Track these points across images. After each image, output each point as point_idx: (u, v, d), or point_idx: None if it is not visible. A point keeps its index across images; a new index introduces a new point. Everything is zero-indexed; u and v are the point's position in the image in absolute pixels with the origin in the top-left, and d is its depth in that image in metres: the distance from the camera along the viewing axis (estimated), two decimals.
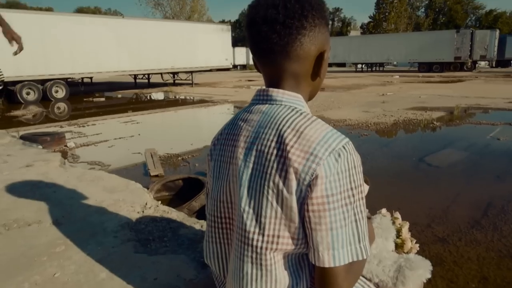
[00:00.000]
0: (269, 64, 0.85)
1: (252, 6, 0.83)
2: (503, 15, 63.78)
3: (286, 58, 0.82)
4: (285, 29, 0.79)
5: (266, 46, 0.82)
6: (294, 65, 0.83)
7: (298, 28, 0.79)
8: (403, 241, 1.11)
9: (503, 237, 2.44)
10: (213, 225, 0.94)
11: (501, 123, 6.42)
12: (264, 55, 0.84)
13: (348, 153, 0.76)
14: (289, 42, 0.80)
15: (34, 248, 1.70)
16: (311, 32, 0.81)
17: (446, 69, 27.43)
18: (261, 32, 0.80)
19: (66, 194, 2.40)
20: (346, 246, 0.76)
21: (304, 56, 0.83)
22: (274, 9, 0.79)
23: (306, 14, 0.79)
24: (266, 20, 0.79)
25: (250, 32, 0.84)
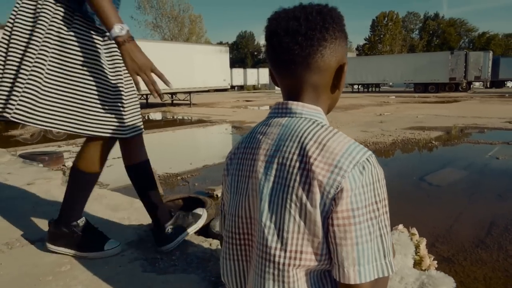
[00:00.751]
0: (290, 76, 0.85)
1: (272, 19, 0.84)
2: (496, 37, 65.09)
3: (307, 70, 0.82)
4: (307, 41, 0.79)
5: (288, 57, 0.82)
6: (315, 77, 0.83)
7: (319, 40, 0.80)
8: (422, 258, 1.10)
9: (509, 256, 2.43)
10: (231, 242, 0.91)
11: (499, 142, 6.46)
12: (285, 66, 0.84)
13: (372, 166, 0.76)
14: (311, 53, 0.80)
15: (38, 267, 1.67)
16: (332, 44, 0.82)
17: (441, 90, 27.75)
18: (283, 43, 0.81)
19: None
20: (372, 262, 0.74)
21: (324, 68, 0.83)
22: (296, 21, 0.80)
23: (327, 26, 0.80)
24: (288, 32, 0.80)
25: (271, 44, 0.84)
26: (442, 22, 67.04)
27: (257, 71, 48.46)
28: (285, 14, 0.82)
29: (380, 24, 59.91)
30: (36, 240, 1.96)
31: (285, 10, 0.84)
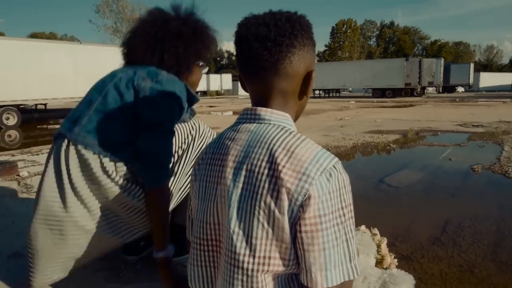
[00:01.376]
0: (258, 81, 0.86)
1: (242, 24, 0.85)
2: (446, 45, 68.78)
3: (275, 75, 0.83)
4: (275, 46, 0.81)
5: (257, 63, 0.83)
6: (283, 83, 0.85)
7: (288, 46, 0.81)
8: (383, 257, 1.14)
9: (462, 252, 2.56)
10: (199, 248, 0.91)
11: (452, 144, 6.82)
12: (254, 71, 0.85)
13: (339, 173, 0.78)
14: (279, 59, 0.82)
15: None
16: (300, 51, 0.83)
17: (398, 95, 28.93)
18: (252, 48, 0.82)
19: (26, 224, 2.26)
20: (338, 266, 0.76)
21: (293, 74, 0.84)
22: (266, 27, 0.81)
23: (296, 33, 0.82)
24: (257, 37, 0.81)
25: (240, 49, 0.85)
26: (397, 30, 70.05)
27: (220, 77, 48.38)
28: (255, 20, 0.83)
29: (339, 31, 61.67)
30: None
31: (255, 16, 0.85)
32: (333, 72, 31.95)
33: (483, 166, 4.95)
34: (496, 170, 4.78)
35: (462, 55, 68.43)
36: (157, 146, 1.39)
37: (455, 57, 64.97)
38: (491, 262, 2.41)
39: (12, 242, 1.99)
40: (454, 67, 38.39)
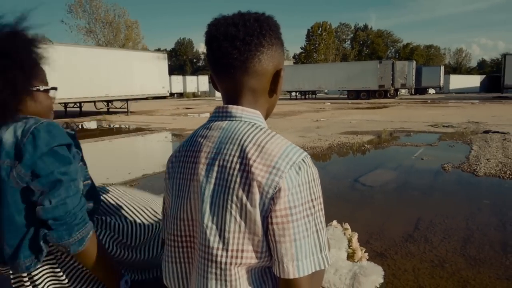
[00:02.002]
0: (229, 80, 0.88)
1: (212, 24, 0.87)
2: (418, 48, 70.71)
3: (245, 74, 0.86)
4: (244, 46, 0.83)
5: (227, 61, 0.85)
6: (252, 81, 0.87)
7: (256, 45, 0.84)
8: (354, 251, 1.17)
9: (433, 248, 2.64)
10: (173, 244, 0.92)
11: (423, 144, 7.01)
12: (224, 70, 0.87)
13: (308, 166, 0.80)
14: (249, 58, 0.84)
15: None
16: (268, 50, 0.86)
17: (372, 96, 29.49)
18: (222, 47, 0.84)
19: None
20: (309, 256, 0.78)
21: (262, 73, 0.87)
22: (234, 27, 0.83)
23: (264, 32, 0.85)
24: (226, 37, 0.83)
25: (210, 48, 0.87)
26: (371, 33, 71.51)
27: (197, 78, 48.12)
28: (224, 21, 0.85)
29: (315, 33, 62.42)
30: None
31: (225, 17, 0.87)
32: (309, 74, 32.29)
33: (453, 165, 5.12)
34: (465, 168, 4.95)
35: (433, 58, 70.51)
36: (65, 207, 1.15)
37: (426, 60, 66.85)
38: (461, 257, 2.49)
39: None
40: (426, 69, 39.51)
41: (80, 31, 43.14)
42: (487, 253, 2.53)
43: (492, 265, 2.37)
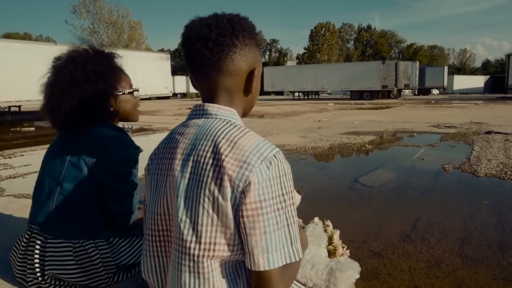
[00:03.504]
0: (204, 79, 0.91)
1: (187, 26, 0.90)
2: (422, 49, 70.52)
3: (219, 73, 0.88)
4: (217, 46, 0.86)
5: (200, 62, 0.88)
6: (227, 80, 0.90)
7: (229, 46, 0.86)
8: (335, 248, 1.19)
9: (430, 248, 2.63)
10: (151, 239, 0.94)
11: (425, 145, 7.00)
12: (199, 70, 0.90)
13: (279, 161, 0.82)
14: (221, 58, 0.87)
15: None
16: (241, 50, 0.88)
17: (375, 97, 29.46)
18: (195, 48, 0.87)
19: None
20: (279, 249, 0.80)
21: (235, 72, 0.89)
22: (207, 28, 0.86)
23: (236, 33, 0.87)
24: (199, 38, 0.86)
25: (185, 49, 0.90)
26: (375, 34, 71.41)
27: None
28: (199, 22, 0.88)
29: (318, 34, 62.41)
30: None
31: (200, 18, 0.90)
32: (312, 75, 32.32)
33: (454, 166, 5.11)
34: (466, 169, 4.94)
35: (437, 58, 70.33)
36: (126, 210, 1.57)
37: (430, 60, 66.69)
38: (458, 257, 2.49)
39: None
40: (429, 70, 39.44)
41: (84, 32, 43.37)
42: (484, 254, 2.52)
43: (489, 265, 2.36)
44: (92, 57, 1.60)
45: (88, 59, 1.58)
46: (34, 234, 1.48)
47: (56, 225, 1.46)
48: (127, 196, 1.55)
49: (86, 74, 1.53)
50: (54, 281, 1.45)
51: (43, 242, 1.44)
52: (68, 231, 1.45)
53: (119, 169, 1.53)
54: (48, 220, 1.47)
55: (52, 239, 1.44)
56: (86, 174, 1.48)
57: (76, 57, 1.58)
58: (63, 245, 1.43)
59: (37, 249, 1.44)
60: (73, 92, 1.50)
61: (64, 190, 1.48)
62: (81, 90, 1.50)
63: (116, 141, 1.55)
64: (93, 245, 1.45)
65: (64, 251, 1.43)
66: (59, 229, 1.45)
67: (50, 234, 1.45)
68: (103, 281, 1.49)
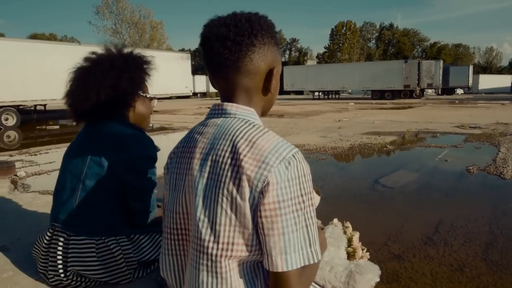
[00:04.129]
0: (222, 79, 0.91)
1: (206, 25, 0.90)
2: (446, 47, 68.92)
3: (238, 73, 0.88)
4: (235, 46, 0.85)
5: (219, 61, 0.87)
6: (245, 80, 0.89)
7: (247, 45, 0.86)
8: (354, 250, 1.16)
9: (453, 252, 2.57)
10: (169, 237, 0.95)
11: (448, 145, 6.83)
12: (217, 69, 0.90)
13: (298, 162, 0.81)
14: (240, 57, 0.86)
15: None
16: (260, 49, 0.87)
17: (397, 97, 28.96)
18: (214, 48, 0.86)
19: (15, 220, 2.30)
20: (298, 250, 0.79)
21: (254, 71, 0.88)
22: (226, 27, 0.85)
23: (255, 32, 0.86)
24: (218, 37, 0.86)
25: (203, 49, 0.90)
26: (397, 32, 70.17)
27: None
28: (218, 21, 0.88)
29: (338, 33, 61.80)
30: None
31: (219, 18, 0.89)
32: (332, 74, 32.00)
33: (479, 167, 4.96)
34: (491, 171, 4.79)
35: (462, 57, 68.56)
36: (146, 208, 1.60)
37: (454, 59, 65.09)
38: (482, 261, 2.41)
39: (0, 237, 2.01)
40: (453, 69, 38.49)
41: (107, 32, 44.22)
42: (511, 258, 2.44)
43: None
44: (129, 55, 1.69)
45: (125, 55, 1.68)
46: (56, 232, 1.51)
47: (79, 222, 1.48)
48: (146, 193, 1.57)
49: (124, 67, 1.62)
50: (76, 278, 1.48)
51: (66, 239, 1.47)
52: (90, 228, 1.47)
53: (138, 167, 1.55)
54: (70, 218, 1.50)
55: (74, 236, 1.47)
56: (107, 171, 1.51)
57: (113, 53, 1.68)
58: (86, 242, 1.46)
59: (60, 246, 1.47)
60: (108, 82, 1.57)
61: (86, 187, 1.51)
62: (116, 81, 1.58)
63: (136, 140, 1.58)
64: (115, 242, 1.47)
65: (87, 248, 1.45)
66: (81, 226, 1.48)
67: (73, 231, 1.48)
68: (125, 277, 1.51)
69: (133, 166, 1.54)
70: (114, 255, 1.47)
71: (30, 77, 13.31)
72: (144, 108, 1.77)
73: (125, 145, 1.54)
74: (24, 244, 1.91)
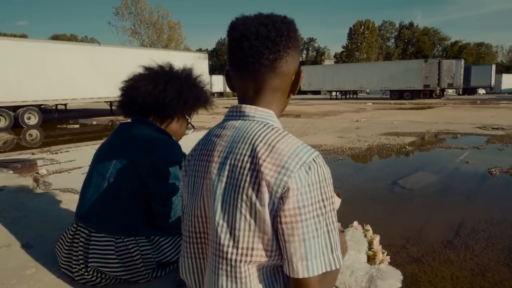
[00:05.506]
0: (252, 78, 0.89)
1: (240, 23, 0.88)
2: (467, 46, 67.34)
3: (272, 73, 0.87)
4: (275, 46, 0.85)
5: (256, 60, 0.86)
6: (277, 81, 0.88)
7: (284, 47, 0.86)
8: (375, 253, 1.14)
9: (475, 256, 2.51)
10: (189, 241, 0.95)
11: (469, 147, 6.68)
12: (251, 68, 0.87)
13: (318, 166, 0.80)
14: (277, 58, 0.86)
15: (3, 271, 1.65)
16: (293, 51, 0.88)
17: (416, 97, 28.46)
18: (253, 46, 0.85)
19: (38, 217, 2.35)
20: (319, 256, 0.78)
21: (286, 73, 0.88)
22: (265, 27, 0.85)
23: (291, 35, 0.87)
24: (258, 36, 0.84)
25: (238, 46, 0.87)
26: (417, 31, 68.92)
27: None
28: (253, 20, 0.87)
29: (357, 32, 61.12)
30: (2, 245, 1.92)
31: (250, 17, 0.89)
32: (350, 74, 31.68)
33: (501, 170, 4.84)
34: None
35: (484, 56, 66.88)
36: (168, 212, 1.60)
37: (476, 58, 63.53)
38: (505, 266, 2.35)
39: (23, 234, 2.06)
40: (475, 68, 37.59)
41: (126, 33, 44.84)
42: None
43: None
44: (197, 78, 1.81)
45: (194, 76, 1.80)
46: (79, 228, 1.54)
47: (100, 220, 1.51)
48: (169, 198, 1.58)
49: (192, 85, 1.73)
50: (96, 273, 1.50)
51: (88, 236, 1.50)
52: (111, 227, 1.50)
53: (163, 171, 1.57)
54: (93, 215, 1.53)
55: (95, 233, 1.50)
56: (132, 172, 1.53)
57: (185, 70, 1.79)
58: (106, 239, 1.48)
59: (81, 242, 1.50)
60: (176, 86, 1.67)
61: (111, 186, 1.54)
62: (181, 88, 1.67)
63: (164, 144, 1.60)
64: (134, 242, 1.49)
65: (106, 246, 1.48)
66: (102, 224, 1.51)
67: (94, 228, 1.51)
68: (142, 277, 1.53)
69: (158, 169, 1.55)
70: (132, 254, 1.49)
71: (51, 77, 13.62)
72: (178, 128, 1.82)
73: (152, 148, 1.56)
74: (47, 241, 1.95)
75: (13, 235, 2.04)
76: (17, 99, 12.91)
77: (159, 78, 1.68)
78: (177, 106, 1.68)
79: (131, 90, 1.69)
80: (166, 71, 1.74)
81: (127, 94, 1.70)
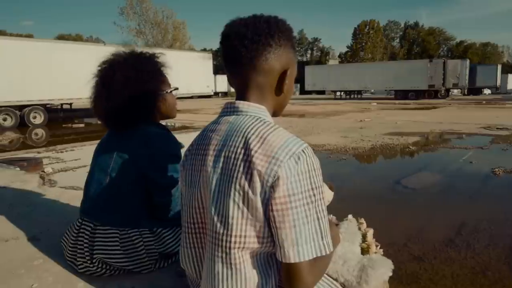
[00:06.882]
0: (238, 75, 0.95)
1: (228, 25, 0.95)
2: (473, 46, 66.97)
3: (253, 70, 0.92)
4: (252, 44, 0.90)
5: (236, 58, 0.92)
6: (259, 78, 0.93)
7: (264, 45, 0.90)
8: (368, 246, 1.18)
9: (476, 254, 2.52)
10: (188, 231, 1.00)
11: (473, 147, 6.67)
12: (234, 66, 0.94)
13: (307, 156, 0.84)
14: (256, 55, 0.90)
15: (11, 262, 1.70)
16: (276, 50, 0.92)
17: (421, 97, 28.34)
18: (233, 45, 0.91)
19: (44, 212, 2.39)
20: (309, 242, 0.82)
21: (268, 70, 0.93)
22: (245, 27, 0.90)
23: (272, 33, 0.91)
24: (237, 35, 0.91)
25: (223, 46, 0.95)
26: (422, 31, 68.64)
27: None
28: (239, 22, 0.93)
29: (361, 32, 60.97)
30: (10, 238, 1.97)
31: (240, 19, 0.94)
32: (354, 73, 31.60)
33: (505, 170, 4.83)
34: None
35: (490, 56, 66.48)
36: (168, 203, 1.64)
37: (482, 58, 63.14)
38: (506, 265, 2.37)
39: (30, 227, 2.11)
40: (481, 68, 37.36)
41: (131, 33, 45.01)
42: None
43: None
44: (139, 59, 1.71)
45: (136, 60, 1.69)
46: (85, 222, 1.59)
47: (104, 214, 1.56)
48: (169, 189, 1.62)
49: (137, 76, 1.64)
50: (101, 265, 1.55)
51: (93, 229, 1.55)
52: (115, 220, 1.54)
53: (162, 163, 1.61)
54: (97, 209, 1.58)
55: (100, 226, 1.55)
56: (132, 166, 1.58)
57: (124, 59, 1.69)
58: (110, 231, 1.53)
59: (87, 235, 1.55)
60: (125, 93, 1.61)
61: (112, 181, 1.58)
62: (133, 91, 1.62)
63: (160, 138, 1.64)
64: (137, 234, 1.54)
65: (111, 237, 1.53)
66: (107, 217, 1.56)
67: (99, 221, 1.55)
68: (146, 267, 1.57)
69: (157, 162, 1.60)
70: (136, 246, 1.53)
71: (56, 77, 13.72)
72: (168, 103, 1.79)
73: (150, 142, 1.60)
74: (53, 234, 2.00)
75: (20, 229, 2.09)
76: (23, 98, 13.03)
77: (99, 89, 1.67)
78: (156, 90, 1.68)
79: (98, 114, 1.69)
80: (100, 75, 1.70)
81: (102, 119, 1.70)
